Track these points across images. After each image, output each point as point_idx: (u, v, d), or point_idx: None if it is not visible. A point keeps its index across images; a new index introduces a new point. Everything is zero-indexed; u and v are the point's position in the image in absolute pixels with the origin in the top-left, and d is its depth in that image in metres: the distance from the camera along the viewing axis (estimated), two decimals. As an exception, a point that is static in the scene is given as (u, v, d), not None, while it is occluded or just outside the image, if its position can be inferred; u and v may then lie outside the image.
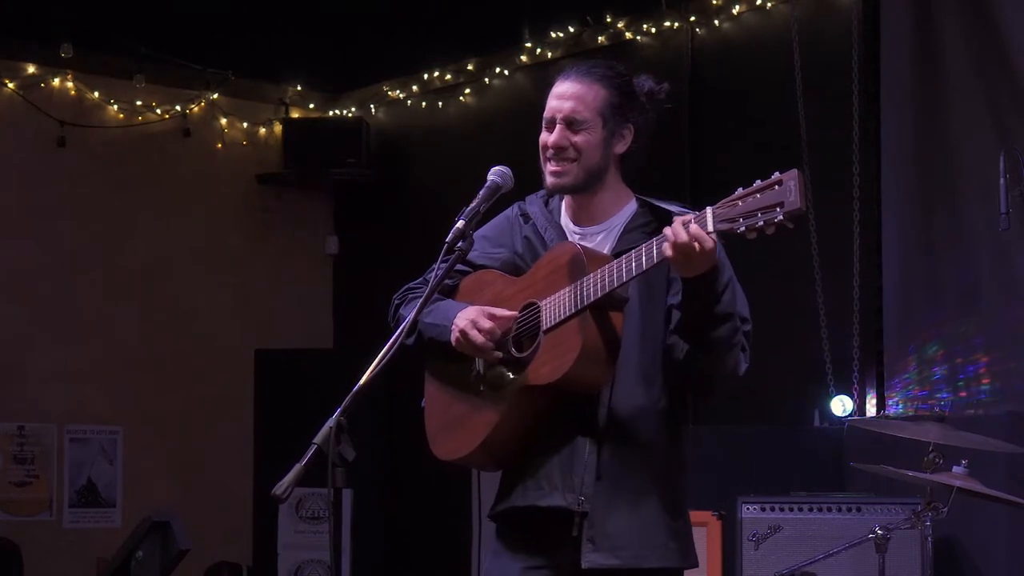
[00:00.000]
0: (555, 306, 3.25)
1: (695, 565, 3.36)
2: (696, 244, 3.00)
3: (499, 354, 3.32)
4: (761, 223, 2.91)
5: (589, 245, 3.35)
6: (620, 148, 3.38)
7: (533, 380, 3.26)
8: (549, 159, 3.39)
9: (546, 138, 3.39)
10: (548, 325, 3.26)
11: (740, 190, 2.97)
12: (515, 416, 3.29)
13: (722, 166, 6.83)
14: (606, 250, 3.34)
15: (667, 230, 3.05)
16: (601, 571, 3.24)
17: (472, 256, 3.43)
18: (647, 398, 3.31)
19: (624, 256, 3.15)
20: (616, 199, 3.42)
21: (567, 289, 3.22)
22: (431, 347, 3.43)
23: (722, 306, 3.16)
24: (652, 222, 3.35)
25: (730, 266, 3.24)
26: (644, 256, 3.10)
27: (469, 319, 3.31)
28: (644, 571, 3.27)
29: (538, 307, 3.30)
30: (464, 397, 3.40)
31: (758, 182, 2.95)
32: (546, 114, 3.39)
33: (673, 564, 3.31)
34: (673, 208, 3.28)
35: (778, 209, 2.88)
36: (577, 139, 3.34)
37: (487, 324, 3.30)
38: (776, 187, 2.90)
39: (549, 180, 3.41)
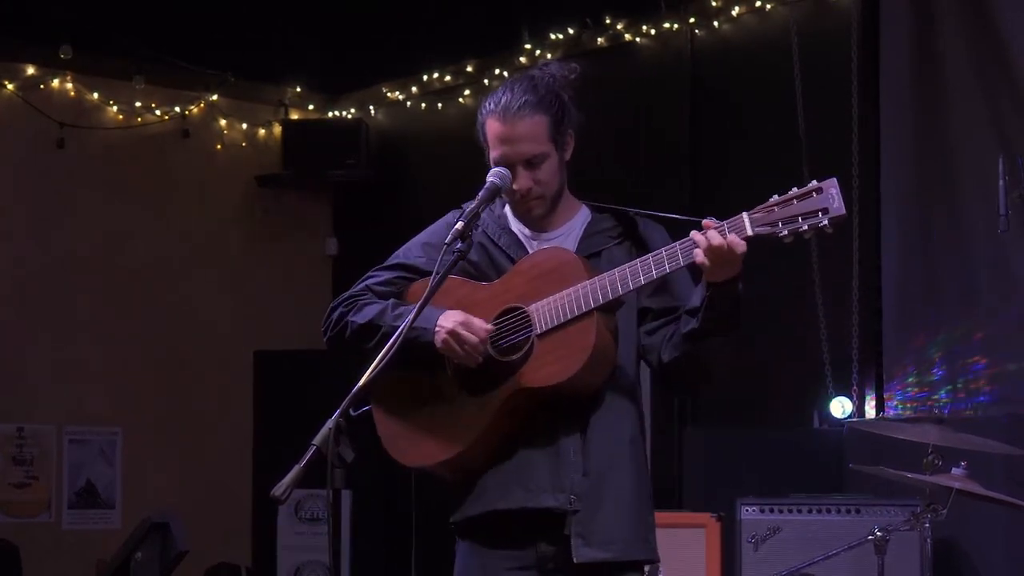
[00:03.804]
0: (550, 310, 3.23)
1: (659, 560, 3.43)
2: (729, 248, 3.04)
3: (480, 359, 3.28)
4: (804, 227, 3.03)
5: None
6: (568, 156, 3.40)
7: (530, 383, 3.24)
8: (514, 199, 3.36)
9: (506, 181, 3.31)
10: (544, 328, 3.24)
11: (775, 197, 3.06)
12: (501, 420, 3.27)
13: (722, 167, 6.81)
14: None
15: (696, 235, 3.08)
16: (592, 565, 3.25)
17: (418, 263, 3.45)
18: (625, 397, 3.34)
19: (640, 260, 3.17)
20: (567, 205, 3.43)
21: (565, 292, 3.21)
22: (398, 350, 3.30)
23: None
24: (617, 226, 3.39)
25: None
26: (667, 259, 3.14)
27: (457, 321, 3.27)
28: (627, 563, 3.31)
29: (525, 311, 3.27)
30: (431, 403, 3.36)
31: (795, 189, 3.05)
32: (497, 156, 3.32)
33: (652, 558, 3.36)
34: (631, 211, 3.35)
35: (821, 215, 3.03)
36: (539, 175, 3.33)
37: (480, 325, 3.27)
38: (815, 194, 3.04)
39: (518, 214, 3.40)
